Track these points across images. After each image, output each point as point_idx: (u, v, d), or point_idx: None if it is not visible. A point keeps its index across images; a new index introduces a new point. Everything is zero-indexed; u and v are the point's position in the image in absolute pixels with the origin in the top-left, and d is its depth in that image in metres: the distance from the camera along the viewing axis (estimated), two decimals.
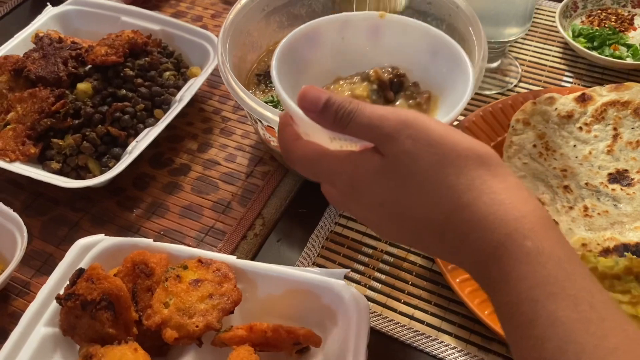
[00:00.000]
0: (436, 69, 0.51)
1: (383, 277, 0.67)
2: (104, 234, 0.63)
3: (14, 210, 0.66)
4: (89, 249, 0.62)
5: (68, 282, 0.58)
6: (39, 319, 0.58)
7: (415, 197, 0.38)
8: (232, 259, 0.61)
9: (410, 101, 0.51)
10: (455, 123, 0.77)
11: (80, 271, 0.58)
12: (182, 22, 0.90)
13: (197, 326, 0.54)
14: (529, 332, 0.33)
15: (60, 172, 0.74)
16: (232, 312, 0.57)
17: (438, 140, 0.37)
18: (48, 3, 0.95)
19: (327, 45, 0.52)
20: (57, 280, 0.60)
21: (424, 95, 0.51)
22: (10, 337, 0.56)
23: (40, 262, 0.70)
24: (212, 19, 1.03)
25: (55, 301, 0.58)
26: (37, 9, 0.99)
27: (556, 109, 0.77)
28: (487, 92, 0.86)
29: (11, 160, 0.73)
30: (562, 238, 0.36)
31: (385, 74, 0.51)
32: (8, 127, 0.76)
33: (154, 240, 0.63)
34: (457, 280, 0.61)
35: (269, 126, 0.67)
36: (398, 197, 0.39)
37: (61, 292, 0.58)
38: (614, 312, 0.33)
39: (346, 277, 0.60)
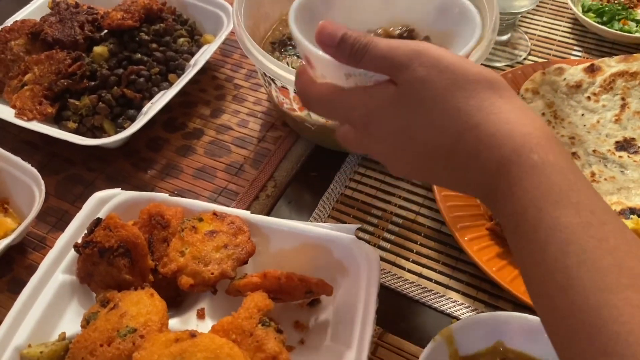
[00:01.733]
0: (446, 25, 0.52)
1: (392, 237, 0.68)
2: (120, 189, 0.65)
3: None
4: (106, 201, 0.63)
5: (86, 231, 0.60)
6: (57, 266, 0.59)
7: (427, 121, 0.39)
8: (246, 213, 0.62)
9: None
10: None
11: (98, 220, 0.59)
12: None
13: (212, 273, 0.56)
14: (532, 237, 0.35)
15: (76, 132, 0.75)
16: (245, 263, 0.58)
17: (449, 67, 0.39)
18: None
19: (340, 4, 0.53)
20: (74, 230, 0.61)
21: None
22: (29, 283, 0.57)
23: (55, 218, 0.72)
24: None
25: (72, 250, 0.59)
26: None
27: (565, 79, 0.78)
28: (497, 64, 0.87)
29: (29, 119, 0.75)
30: (565, 152, 0.37)
31: (396, 31, 0.52)
32: (25, 87, 0.78)
33: None
34: (466, 238, 0.63)
35: (283, 87, 0.68)
36: (410, 122, 0.40)
37: (79, 241, 0.60)
38: (613, 218, 0.35)
39: (357, 236, 0.61)
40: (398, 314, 0.62)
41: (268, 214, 0.71)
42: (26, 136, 0.79)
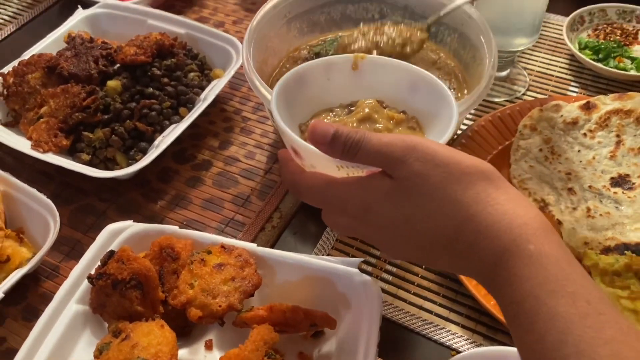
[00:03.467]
0: (418, 102, 0.55)
1: (394, 269, 0.70)
2: (132, 221, 0.67)
3: None
4: (118, 233, 0.65)
5: (99, 263, 0.62)
6: (71, 296, 0.61)
7: (426, 213, 0.41)
8: (252, 246, 0.65)
9: (401, 127, 0.54)
10: (464, 127, 0.81)
11: (111, 253, 0.62)
12: (206, 26, 0.95)
13: (220, 306, 0.58)
14: (531, 327, 0.36)
15: (89, 164, 0.78)
16: (252, 295, 0.61)
17: (444, 161, 0.41)
18: (79, 6, 1.00)
19: (314, 85, 0.55)
20: (88, 261, 0.64)
21: (413, 121, 0.54)
22: (44, 312, 0.60)
23: (68, 247, 0.74)
24: (233, 25, 1.08)
25: (86, 280, 0.62)
26: (65, 12, 1.04)
27: (562, 115, 0.81)
28: (496, 100, 0.90)
29: (44, 151, 0.78)
30: (560, 241, 0.39)
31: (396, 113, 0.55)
32: (41, 120, 0.81)
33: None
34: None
35: None
36: (409, 216, 0.42)
37: (92, 272, 0.62)
38: (609, 308, 0.36)
39: (359, 269, 0.64)
40: (399, 346, 0.64)
41: (274, 245, 0.74)
42: (41, 167, 0.82)
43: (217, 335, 0.61)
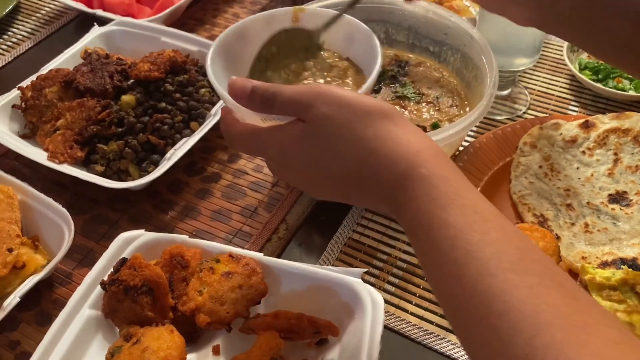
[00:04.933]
0: (355, 51, 0.58)
1: (396, 281, 0.72)
2: (144, 230, 0.70)
3: None
4: (131, 242, 0.68)
5: (112, 270, 0.64)
6: (84, 301, 0.64)
7: (334, 151, 0.46)
8: (259, 255, 0.67)
9: (350, 71, 0.58)
10: (466, 144, 0.84)
11: (124, 260, 0.64)
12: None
13: (227, 312, 0.60)
14: (427, 239, 0.41)
15: (103, 175, 0.81)
16: (258, 303, 0.63)
17: (348, 103, 0.46)
18: (95, 23, 1.04)
19: (257, 40, 0.57)
20: (101, 268, 0.66)
21: (357, 67, 0.59)
22: (59, 316, 0.62)
23: (81, 255, 0.77)
24: None
25: (99, 286, 0.64)
26: (81, 29, 1.08)
27: (561, 134, 0.83)
28: (498, 117, 0.92)
29: (60, 162, 0.80)
30: (452, 165, 0.44)
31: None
32: (57, 132, 0.84)
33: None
34: None
35: None
36: (320, 155, 0.46)
37: (105, 278, 0.64)
38: (496, 215, 0.41)
39: (362, 279, 0.66)
40: (400, 355, 0.66)
41: (280, 255, 0.76)
42: (55, 177, 0.85)
43: (224, 341, 0.63)
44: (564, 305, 0.36)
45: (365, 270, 0.69)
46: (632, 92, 0.93)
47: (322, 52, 0.60)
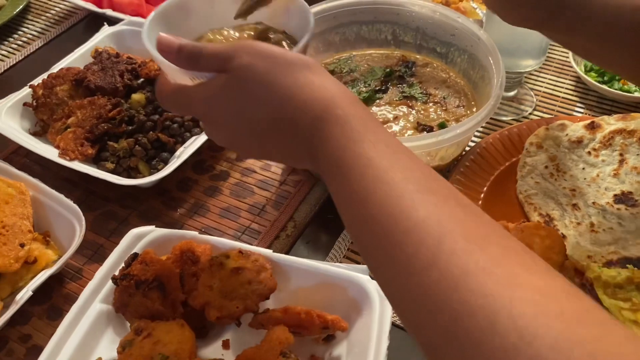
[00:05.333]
0: (292, 25, 0.58)
1: None
2: (154, 226, 0.71)
3: None
4: (141, 237, 0.69)
5: (123, 265, 0.65)
6: (95, 296, 0.64)
7: (254, 100, 0.46)
8: (268, 252, 0.67)
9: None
10: (472, 144, 0.84)
11: (135, 255, 0.65)
12: None
13: (237, 307, 0.61)
14: (339, 171, 0.43)
15: (113, 172, 0.81)
16: (267, 298, 0.64)
17: (270, 54, 0.47)
18: (105, 23, 1.05)
19: (199, 14, 0.58)
20: (112, 263, 0.67)
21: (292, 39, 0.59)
22: (71, 309, 0.63)
23: (91, 251, 0.77)
24: None
25: (110, 281, 0.65)
26: (91, 29, 1.09)
27: (567, 134, 0.84)
28: (504, 118, 0.93)
29: (71, 159, 0.81)
30: (365, 108, 0.46)
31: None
32: (68, 130, 0.85)
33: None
34: None
35: None
36: (242, 105, 0.47)
37: (116, 273, 0.65)
38: (405, 149, 0.43)
39: (370, 276, 0.66)
40: (407, 352, 0.66)
41: (287, 253, 0.77)
42: (66, 174, 0.86)
43: (233, 336, 0.64)
44: (468, 220, 0.38)
45: None
46: (637, 94, 0.93)
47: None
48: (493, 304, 0.32)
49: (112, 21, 1.07)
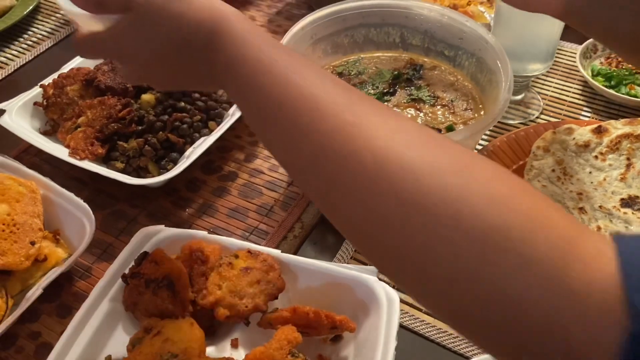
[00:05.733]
0: None
1: None
2: (164, 225, 0.71)
3: None
4: (151, 236, 0.69)
5: (133, 263, 0.66)
6: (105, 294, 0.65)
7: (156, 30, 0.50)
8: (277, 252, 0.68)
9: None
10: (480, 147, 0.85)
11: (145, 254, 0.66)
12: None
13: (246, 306, 0.61)
14: (229, 69, 0.47)
15: (123, 171, 0.82)
16: (276, 298, 0.64)
17: None
18: None
19: None
20: (122, 261, 0.67)
21: None
22: (81, 308, 0.63)
23: (100, 250, 0.78)
24: None
25: (120, 279, 0.66)
26: None
27: (574, 138, 0.84)
28: (511, 122, 0.93)
29: (81, 158, 0.82)
30: (253, 23, 0.50)
31: None
32: (79, 129, 0.85)
33: None
34: None
35: None
36: (146, 37, 0.50)
37: (126, 271, 0.66)
38: (288, 49, 0.47)
39: (378, 277, 0.67)
40: (414, 353, 0.67)
41: (295, 254, 0.77)
42: (75, 173, 0.86)
43: (242, 335, 0.65)
44: (365, 99, 0.43)
45: None
46: None
47: None
48: (356, 132, 0.39)
49: None
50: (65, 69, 0.95)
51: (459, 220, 0.34)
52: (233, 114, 0.88)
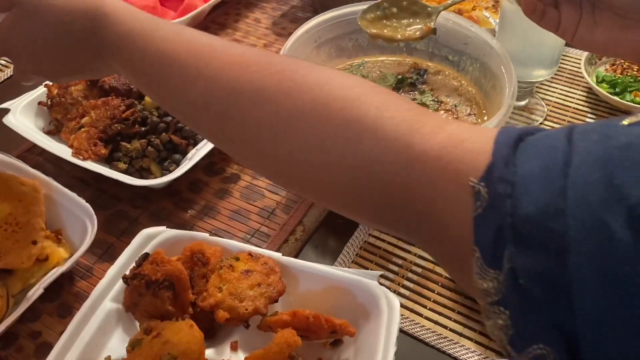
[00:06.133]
0: None
1: (411, 285, 0.73)
2: (165, 227, 0.71)
3: None
4: (152, 238, 0.69)
5: (134, 264, 0.66)
6: (106, 294, 0.65)
7: (40, 21, 0.52)
8: (278, 255, 0.68)
9: None
10: None
11: (146, 255, 0.66)
12: None
13: (246, 309, 0.61)
14: (122, 44, 0.49)
15: (125, 172, 0.82)
16: (276, 301, 0.64)
17: None
18: None
19: None
20: (123, 262, 0.67)
21: None
22: (81, 307, 0.63)
23: (102, 250, 0.78)
24: (264, 47, 1.13)
25: (121, 280, 0.66)
26: None
27: None
28: None
29: (84, 159, 0.82)
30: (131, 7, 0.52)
31: None
32: (82, 129, 0.86)
33: None
34: None
35: None
36: (32, 29, 0.52)
37: (127, 272, 0.66)
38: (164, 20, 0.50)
39: (378, 282, 0.66)
40: (414, 358, 0.67)
41: (296, 257, 0.77)
42: (78, 173, 0.86)
43: (242, 338, 0.65)
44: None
45: (381, 273, 0.70)
46: None
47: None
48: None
49: None
50: None
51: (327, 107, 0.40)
52: None
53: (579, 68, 1.00)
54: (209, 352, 0.62)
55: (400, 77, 0.89)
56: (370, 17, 0.80)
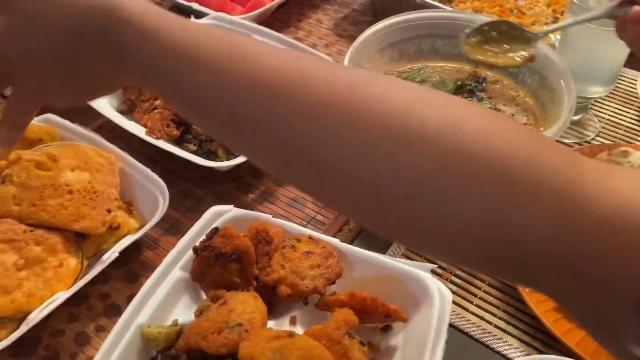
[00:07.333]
0: None
1: (459, 281, 0.76)
2: (232, 206, 0.76)
3: None
4: (221, 214, 0.74)
5: (204, 237, 0.71)
6: (175, 263, 0.70)
7: (41, 28, 0.43)
8: (336, 241, 0.72)
9: None
10: None
11: (216, 229, 0.70)
12: (304, 45, 1.04)
13: (307, 287, 0.66)
14: (130, 51, 0.41)
15: (194, 154, 0.87)
16: (333, 283, 0.68)
17: None
18: (192, 16, 1.11)
19: None
20: (192, 235, 0.72)
21: None
22: (153, 273, 0.68)
23: (168, 224, 0.83)
24: (325, 47, 1.17)
25: (190, 251, 0.70)
26: None
27: (629, 161, 0.86)
28: (566, 141, 0.95)
29: (157, 138, 0.88)
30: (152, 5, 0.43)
31: None
32: (156, 110, 0.91)
33: None
34: (527, 290, 0.71)
35: None
36: (36, 31, 0.43)
37: (197, 244, 0.70)
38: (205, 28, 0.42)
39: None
40: (459, 350, 0.70)
41: None
42: (147, 152, 0.92)
43: (299, 314, 0.69)
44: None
45: (435, 265, 0.73)
46: None
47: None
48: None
49: (199, 15, 1.13)
50: None
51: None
52: None
53: (635, 88, 1.02)
54: (270, 323, 0.66)
55: (459, 83, 0.93)
56: (472, 42, 0.83)
